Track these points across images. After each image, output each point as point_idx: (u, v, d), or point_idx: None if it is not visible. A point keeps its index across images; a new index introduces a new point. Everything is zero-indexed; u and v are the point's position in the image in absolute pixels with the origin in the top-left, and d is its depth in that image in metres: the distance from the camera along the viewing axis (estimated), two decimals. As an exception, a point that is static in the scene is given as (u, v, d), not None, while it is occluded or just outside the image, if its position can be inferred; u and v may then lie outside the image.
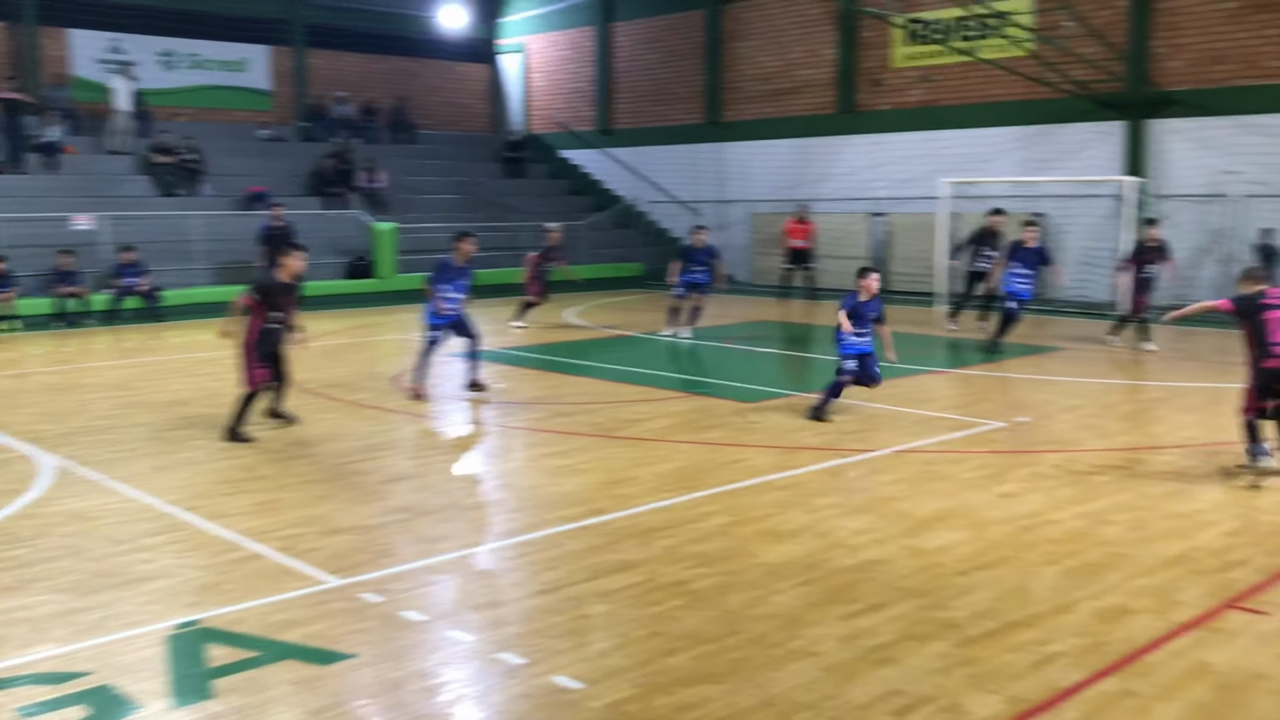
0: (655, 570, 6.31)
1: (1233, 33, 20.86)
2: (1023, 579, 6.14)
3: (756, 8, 28.49)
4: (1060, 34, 21.24)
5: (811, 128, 27.41)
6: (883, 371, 11.09)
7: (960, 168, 24.09)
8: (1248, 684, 4.79)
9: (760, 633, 5.38)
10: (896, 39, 25.57)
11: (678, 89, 30.52)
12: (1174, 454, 9.30)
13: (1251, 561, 6.47)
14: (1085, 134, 22.75)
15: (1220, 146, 21.07)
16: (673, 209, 30.26)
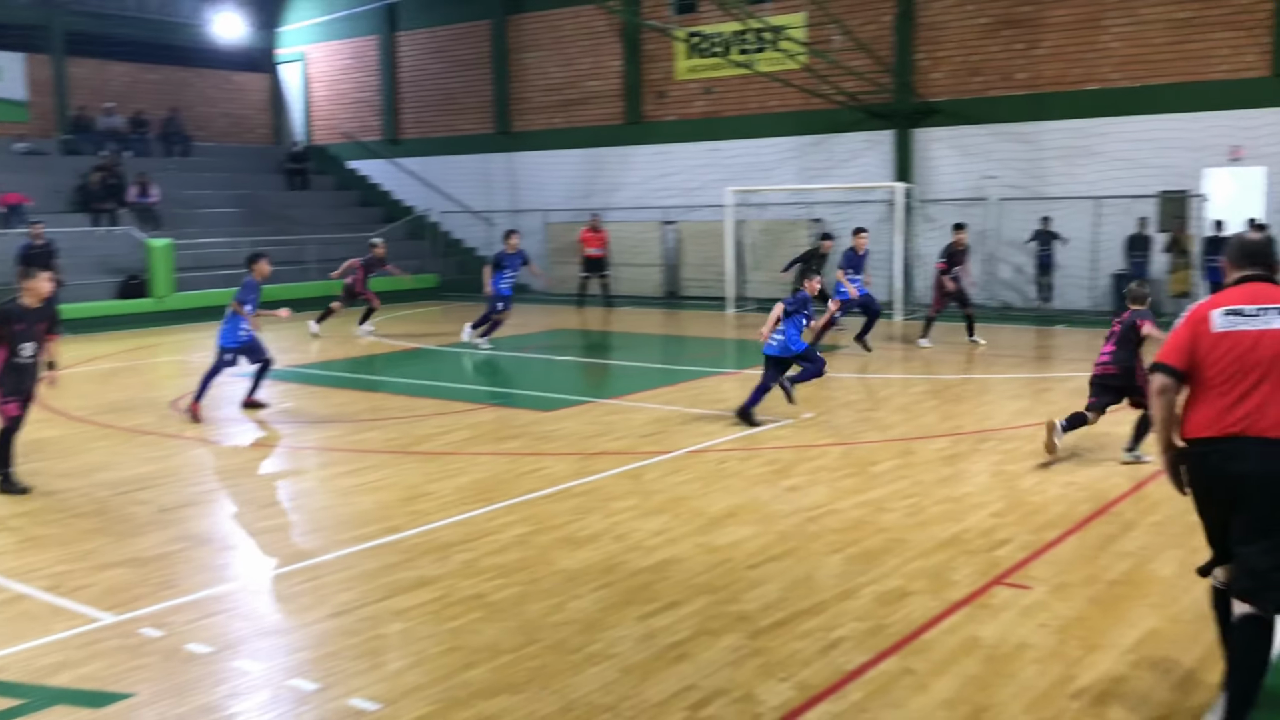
0: (453, 585, 6.26)
1: (987, 46, 22.35)
2: (809, 569, 6.41)
3: (542, 19, 28.64)
4: (830, 48, 22.23)
5: (601, 138, 27.76)
6: (680, 374, 11.31)
7: (743, 176, 24.89)
8: (1014, 654, 5.14)
9: (559, 639, 5.42)
10: (679, 52, 26.19)
11: (466, 99, 30.35)
12: (944, 442, 9.88)
13: (1016, 539, 6.94)
14: (857, 143, 23.89)
15: (980, 153, 22.52)
16: (466, 219, 30.05)
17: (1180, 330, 4.51)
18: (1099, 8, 21.08)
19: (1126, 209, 20.85)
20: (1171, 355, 4.47)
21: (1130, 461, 8.88)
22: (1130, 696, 4.67)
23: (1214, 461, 4.34)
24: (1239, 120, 19.83)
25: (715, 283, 24.35)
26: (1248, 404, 4.27)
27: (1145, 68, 20.76)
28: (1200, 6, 20.13)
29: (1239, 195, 20.37)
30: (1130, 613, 5.63)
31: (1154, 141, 20.64)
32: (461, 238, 30.70)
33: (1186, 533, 6.97)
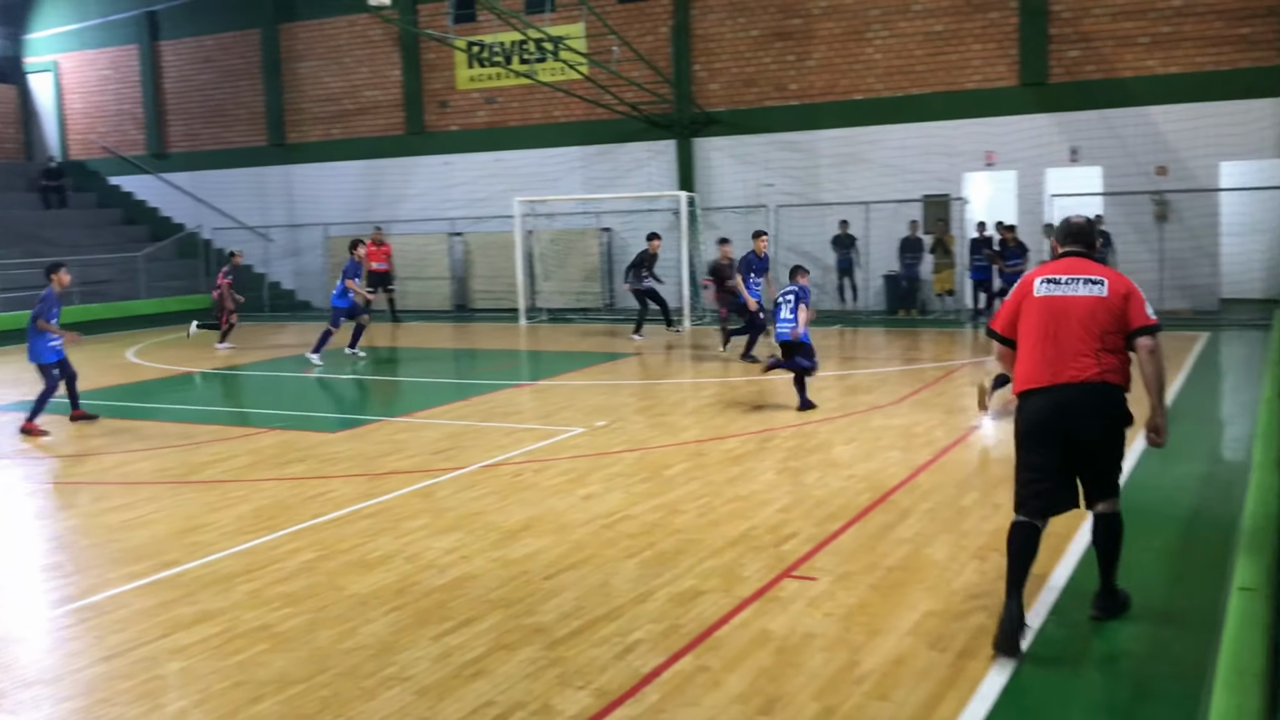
0: (237, 617, 5.97)
1: (760, 58, 23.14)
2: (605, 575, 6.44)
3: (315, 28, 27.87)
4: (610, 59, 22.53)
5: (382, 149, 27.24)
6: (473, 388, 11.19)
7: (529, 186, 24.92)
8: (802, 644, 5.31)
9: (351, 665, 5.25)
10: (460, 61, 25.98)
11: (237, 110, 29.21)
12: (733, 442, 10.14)
13: (802, 533, 7.17)
14: (641, 152, 24.30)
15: (757, 161, 23.30)
16: (241, 235, 28.88)
17: (1010, 299, 5.43)
18: (862, 21, 22.16)
19: (895, 213, 21.99)
20: (998, 321, 5.47)
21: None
22: (910, 675, 4.90)
23: (1042, 406, 5.18)
24: (992, 127, 21.24)
25: (506, 294, 24.26)
26: (1064, 357, 5.11)
27: (907, 78, 21.96)
28: (953, 20, 21.46)
29: (995, 197, 21.82)
30: (908, 596, 5.91)
31: (917, 148, 21.86)
32: (238, 255, 29.47)
33: (957, 518, 7.40)
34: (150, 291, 26.07)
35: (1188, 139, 19.78)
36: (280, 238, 28.78)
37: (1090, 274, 5.24)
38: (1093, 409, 5.09)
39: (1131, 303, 5.18)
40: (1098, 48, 20.43)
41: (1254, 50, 19.37)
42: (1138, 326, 5.15)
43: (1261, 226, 19.76)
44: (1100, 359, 5.09)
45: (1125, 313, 5.16)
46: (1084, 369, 5.08)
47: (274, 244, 28.95)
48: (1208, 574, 6.12)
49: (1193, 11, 19.73)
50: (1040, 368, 5.17)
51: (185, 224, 29.56)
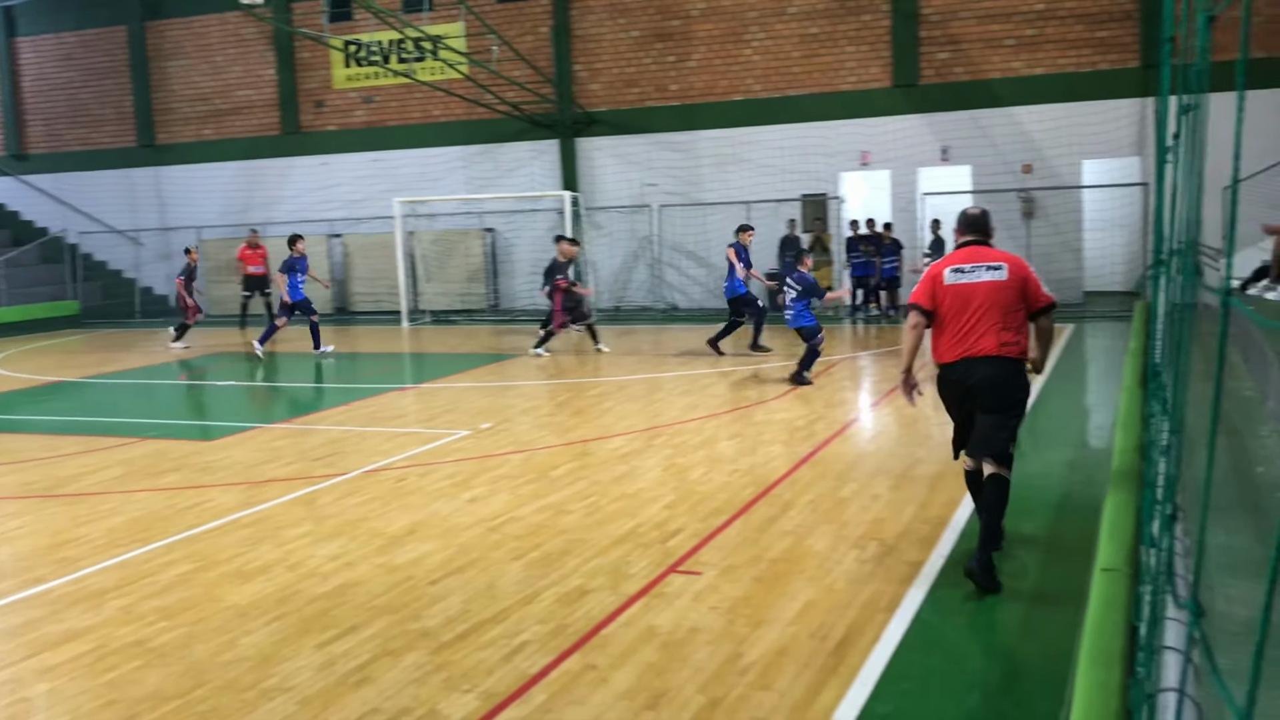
0: (109, 634, 5.77)
1: (640, 59, 23.27)
2: (491, 578, 6.40)
3: (184, 25, 27.07)
4: (490, 58, 22.40)
5: (256, 149, 26.59)
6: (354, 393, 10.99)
7: (410, 187, 24.62)
8: (687, 639, 5.37)
9: (231, 678, 5.12)
10: (336, 60, 25.52)
11: (103, 110, 28.19)
12: (619, 441, 10.18)
13: (687, 528, 7.24)
14: (523, 152, 24.22)
15: (640, 161, 23.42)
16: (110, 239, 27.92)
17: (923, 283, 6.18)
18: (740, 23, 22.46)
19: (774, 211, 22.34)
20: (922, 299, 6.13)
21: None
22: (793, 665, 4.99)
23: (955, 375, 6.04)
24: (866, 128, 21.75)
25: (388, 296, 23.93)
26: (971, 335, 5.94)
27: (783, 79, 22.33)
28: (828, 23, 21.90)
29: (870, 196, 22.34)
30: (790, 587, 6.02)
31: (795, 148, 22.25)
32: (105, 259, 28.47)
33: (836, 509, 7.56)
34: (12, 299, 24.98)
35: (1052, 138, 20.56)
36: (151, 241, 27.86)
37: (990, 260, 6.05)
38: (989, 378, 5.93)
39: (1030, 284, 6.02)
40: (966, 50, 21.08)
41: (1113, 53, 20.23)
42: (1041, 307, 6.06)
43: (1122, 222, 20.65)
44: (1000, 335, 5.92)
45: (1025, 293, 6.00)
46: (986, 345, 5.92)
47: (145, 248, 28.01)
48: (1075, 557, 6.37)
49: (1055, 15, 20.51)
50: (952, 345, 6.03)
51: (49, 228, 28.40)
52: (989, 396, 5.96)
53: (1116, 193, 20.71)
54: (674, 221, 23.29)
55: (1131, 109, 20.05)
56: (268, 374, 17.11)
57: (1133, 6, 20.01)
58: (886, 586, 5.95)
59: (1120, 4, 20.11)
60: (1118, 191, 20.66)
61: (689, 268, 23.44)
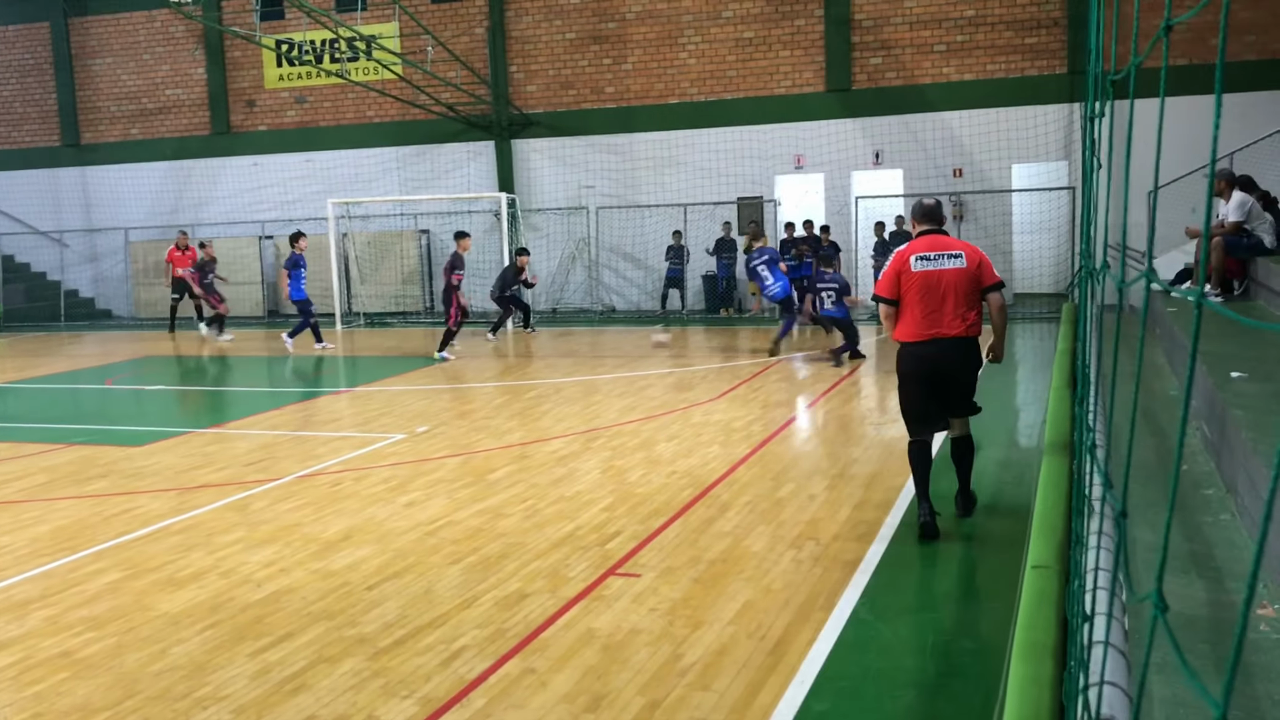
0: (34, 645, 5.63)
1: (577, 61, 23.24)
2: (429, 582, 6.36)
3: (111, 23, 26.51)
4: (424, 59, 22.24)
5: (186, 149, 26.13)
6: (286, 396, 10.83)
7: (344, 188, 24.36)
8: (627, 641, 5.38)
9: (162, 688, 5.03)
10: (268, 60, 25.16)
11: (25, 108, 27.51)
12: (558, 443, 10.16)
13: (626, 530, 7.26)
14: (459, 153, 24.07)
15: (577, 163, 23.40)
16: (33, 240, 27.25)
17: (889, 271, 6.81)
18: (676, 26, 22.54)
19: (711, 214, 22.45)
20: (886, 289, 6.80)
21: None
22: (732, 665, 5.03)
23: (925, 352, 6.71)
24: (800, 131, 21.94)
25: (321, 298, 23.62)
26: (940, 317, 6.66)
27: (719, 83, 22.45)
28: (763, 28, 22.06)
29: (804, 199, 22.54)
30: (729, 588, 6.06)
31: (730, 151, 22.38)
32: (28, 261, 27.79)
33: (774, 509, 7.62)
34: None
35: (982, 143, 20.91)
36: (77, 243, 27.25)
37: (950, 249, 6.76)
38: (958, 356, 6.75)
39: (984, 268, 6.81)
40: (898, 55, 21.37)
41: (1041, 59, 20.63)
42: (989, 284, 6.82)
43: (1049, 225, 21.07)
44: (965, 318, 6.70)
45: (980, 276, 6.76)
46: (953, 327, 6.67)
47: (70, 249, 27.39)
48: (1005, 554, 6.49)
49: (984, 22, 20.87)
50: (920, 326, 6.69)
51: (-32, 229, 27.67)
52: (960, 371, 6.81)
53: (1045, 196, 21.12)
54: (611, 223, 23.31)
55: (1059, 114, 20.46)
56: (196, 379, 16.81)
57: (1060, 14, 20.43)
58: (823, 586, 6.02)
59: (1049, 11, 20.52)
60: (1046, 195, 21.07)
61: (626, 270, 23.47)
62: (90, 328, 25.20)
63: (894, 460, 8.98)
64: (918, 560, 6.50)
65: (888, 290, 6.81)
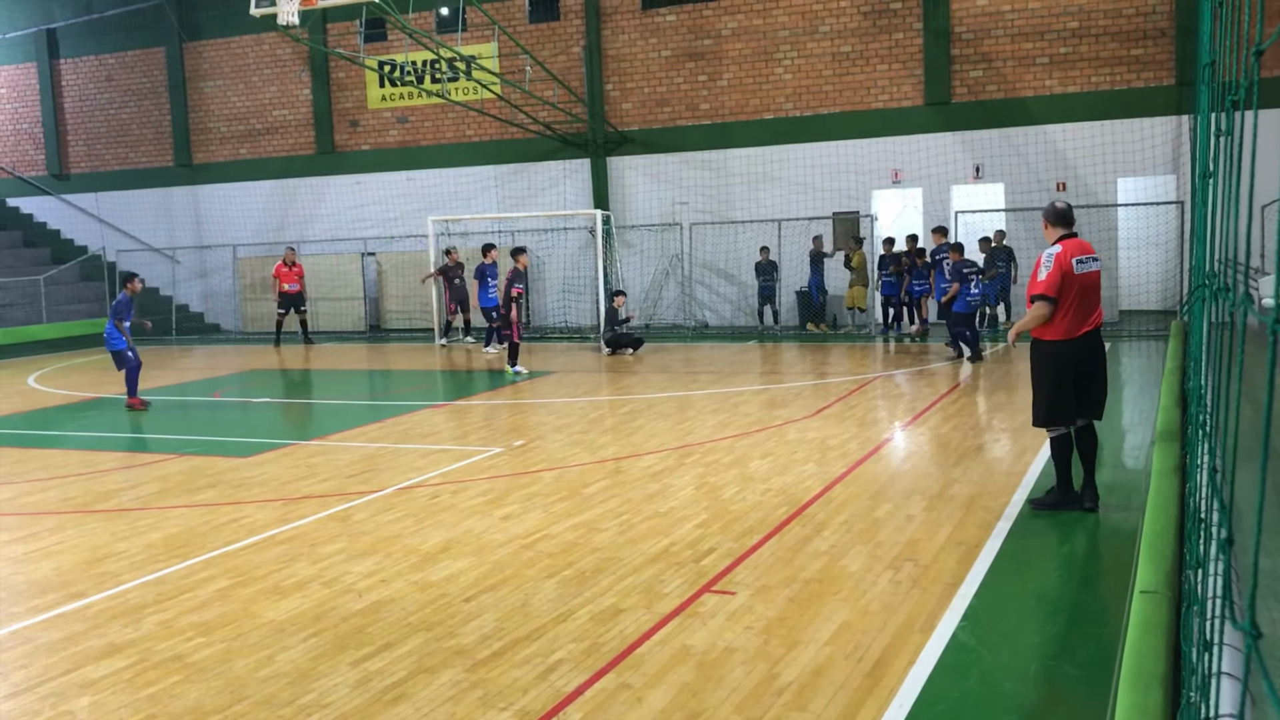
0: (149, 649, 5.83)
1: (672, 78, 23.36)
2: (525, 595, 6.42)
3: (222, 47, 27.45)
4: (523, 78, 22.56)
5: (291, 168, 26.89)
6: (387, 410, 10.98)
7: (443, 206, 24.82)
8: (722, 659, 5.36)
9: (268, 694, 5.16)
10: (371, 80, 25.78)
11: (142, 130, 28.61)
12: (651, 459, 10.19)
13: (720, 548, 7.24)
14: (556, 171, 24.35)
15: (671, 180, 23.49)
16: (148, 257, 28.28)
17: (1054, 272, 7.24)
18: (772, 42, 22.51)
19: (805, 229, 22.32)
20: (1053, 288, 7.24)
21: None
22: (829, 686, 4.98)
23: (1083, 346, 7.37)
24: (898, 146, 21.71)
25: (421, 314, 24.07)
26: (1091, 312, 7.40)
27: (815, 98, 22.35)
28: (860, 42, 21.91)
29: (902, 214, 22.29)
30: (825, 608, 6.00)
31: (826, 166, 22.24)
32: (145, 277, 28.84)
33: (870, 529, 7.53)
34: (51, 315, 25.34)
35: (1086, 156, 20.45)
36: (187, 259, 28.21)
37: (1090, 252, 7.46)
38: (1101, 348, 7.55)
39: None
40: (999, 68, 21.03)
41: (1147, 70, 20.11)
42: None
43: (1156, 241, 20.49)
44: (1100, 312, 7.53)
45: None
46: (1096, 322, 7.45)
47: (181, 265, 28.36)
48: (1113, 577, 6.32)
49: (1088, 33, 20.43)
50: (1076, 323, 7.32)
51: (88, 246, 28.82)
52: (1103, 361, 7.56)
53: (1152, 211, 20.56)
54: (704, 239, 23.33)
55: (1167, 127, 19.91)
56: (302, 392, 17.25)
57: (1168, 25, 19.90)
58: (922, 608, 5.92)
59: (1155, 22, 20.01)
60: (1153, 210, 20.51)
61: (719, 285, 23.46)
62: (200, 341, 26.03)
63: (994, 481, 8.81)
64: (1019, 583, 6.36)
65: (1055, 289, 7.24)
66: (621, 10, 23.57)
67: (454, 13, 23.78)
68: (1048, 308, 7.26)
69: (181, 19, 27.53)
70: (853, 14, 21.92)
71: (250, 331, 26.35)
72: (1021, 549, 6.98)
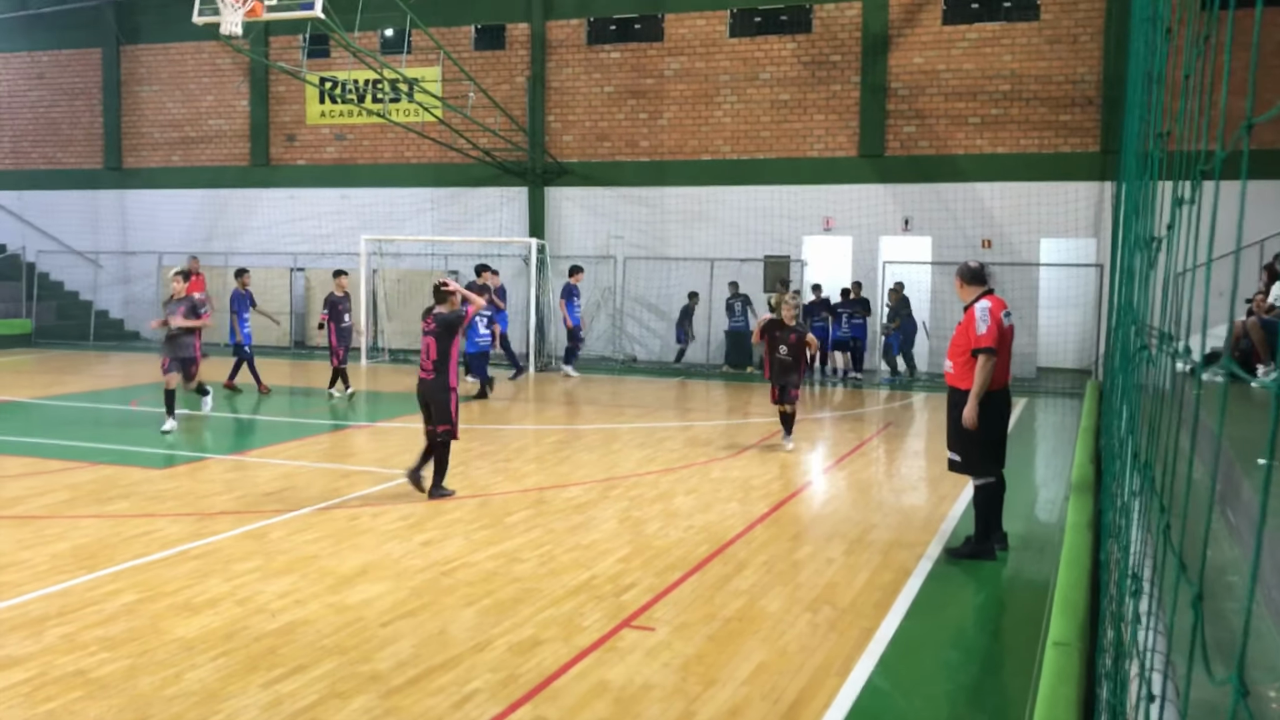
0: (49, 663, 5.66)
1: (613, 114, 23.53)
2: (443, 623, 6.36)
3: (160, 52, 27.04)
4: (464, 104, 22.56)
5: (224, 179, 26.50)
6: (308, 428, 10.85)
7: (377, 225, 24.63)
8: (639, 695, 5.35)
9: (174, 713, 5.03)
10: (311, 96, 25.56)
11: (72, 130, 28.01)
12: (575, 490, 10.17)
13: (641, 583, 7.24)
14: (493, 197, 24.33)
15: (608, 213, 23.60)
16: (69, 259, 27.61)
17: (992, 326, 7.61)
18: (713, 85, 22.81)
19: (737, 270, 22.56)
20: (993, 341, 7.60)
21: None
22: (744, 726, 5.00)
23: (1005, 398, 7.88)
24: (831, 194, 22.08)
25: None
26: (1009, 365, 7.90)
27: (752, 143, 22.66)
28: (799, 91, 22.30)
29: (831, 260, 22.63)
30: (743, 647, 6.03)
31: (760, 210, 22.53)
32: (62, 280, 28.13)
33: (791, 571, 7.60)
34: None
35: (1011, 215, 20.99)
36: (111, 265, 27.59)
37: (1006, 309, 7.84)
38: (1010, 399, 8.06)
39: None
40: (931, 125, 21.53)
41: (1074, 136, 20.75)
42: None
43: (1076, 301, 21.06)
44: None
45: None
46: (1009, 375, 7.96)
47: (104, 270, 27.73)
48: (1023, 629, 6.44)
49: (1019, 97, 21.03)
50: (1006, 374, 7.83)
51: (7, 245, 28.04)
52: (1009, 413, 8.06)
53: (1072, 272, 21.14)
54: (638, 274, 23.45)
55: (1090, 191, 20.53)
56: (219, 406, 16.91)
57: (1095, 94, 20.57)
58: (839, 651, 5.98)
59: (1083, 90, 20.67)
60: (1074, 271, 21.09)
61: (650, 320, 23.56)
62: (118, 348, 25.41)
63: (914, 528, 8.95)
64: (936, 631, 6.46)
65: (995, 341, 7.63)
66: (567, 44, 23.72)
67: (399, 34, 23.72)
68: (994, 359, 7.62)
69: (121, 21, 27.08)
70: (793, 63, 22.31)
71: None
72: (937, 596, 7.09)
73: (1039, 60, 20.91)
